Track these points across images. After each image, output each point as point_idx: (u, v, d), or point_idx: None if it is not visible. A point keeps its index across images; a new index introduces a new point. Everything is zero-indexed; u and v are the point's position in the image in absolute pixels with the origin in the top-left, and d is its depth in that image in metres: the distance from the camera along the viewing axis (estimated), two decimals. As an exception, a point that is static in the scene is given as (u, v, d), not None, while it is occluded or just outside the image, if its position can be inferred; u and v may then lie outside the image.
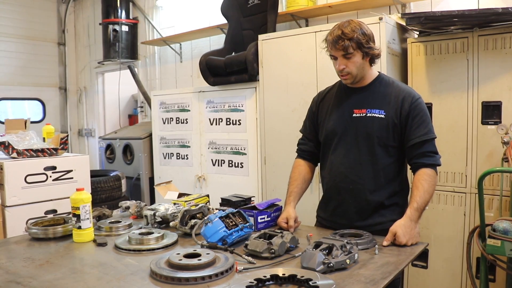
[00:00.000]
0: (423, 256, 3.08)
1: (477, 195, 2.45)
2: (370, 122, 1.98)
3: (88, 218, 1.91)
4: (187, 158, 4.52)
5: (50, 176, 3.01)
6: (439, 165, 1.96)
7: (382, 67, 2.96)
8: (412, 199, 1.89)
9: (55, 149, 3.11)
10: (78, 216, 1.89)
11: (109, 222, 2.11)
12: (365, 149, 1.99)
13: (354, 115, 2.03)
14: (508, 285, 2.53)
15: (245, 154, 3.99)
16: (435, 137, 1.98)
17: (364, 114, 2.01)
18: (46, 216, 2.75)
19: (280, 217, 2.10)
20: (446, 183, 3.04)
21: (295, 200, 2.16)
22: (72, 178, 3.11)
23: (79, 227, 1.90)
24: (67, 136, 3.29)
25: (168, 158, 4.71)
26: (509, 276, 2.46)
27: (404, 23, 3.04)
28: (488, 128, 2.85)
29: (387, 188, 2.01)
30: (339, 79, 2.08)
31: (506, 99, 2.79)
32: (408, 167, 2.07)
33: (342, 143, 2.05)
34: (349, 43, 1.90)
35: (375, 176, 1.99)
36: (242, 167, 4.02)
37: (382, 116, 1.97)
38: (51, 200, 3.01)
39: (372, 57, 1.99)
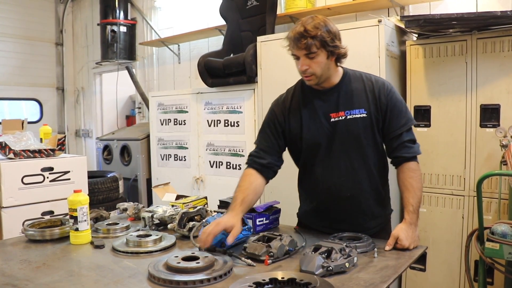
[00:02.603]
0: (422, 259, 3.07)
1: (475, 198, 2.45)
2: (353, 124, 1.88)
3: (85, 220, 1.89)
4: (184, 160, 4.51)
5: (47, 177, 3.00)
6: (420, 153, 1.93)
7: (381, 69, 2.96)
8: (406, 202, 1.85)
9: (52, 150, 3.10)
10: (75, 218, 1.88)
11: (106, 224, 2.10)
12: (355, 153, 1.90)
13: (332, 119, 1.89)
14: (506, 288, 2.52)
15: (243, 156, 3.97)
16: (414, 123, 1.94)
17: (343, 117, 1.88)
18: (43, 218, 2.74)
19: (219, 226, 1.68)
20: (444, 186, 3.04)
21: (244, 210, 1.82)
22: (69, 179, 3.10)
23: (76, 229, 1.88)
24: (65, 137, 3.28)
25: (166, 159, 4.70)
26: (507, 279, 2.45)
27: (403, 26, 3.04)
28: (486, 131, 2.85)
29: (380, 181, 1.98)
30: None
31: (504, 102, 2.79)
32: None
33: (329, 152, 1.92)
34: (312, 42, 1.75)
35: (369, 176, 1.94)
36: (240, 169, 4.01)
37: (364, 115, 1.88)
38: (48, 201, 3.00)
39: (338, 57, 1.85)
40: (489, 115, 2.84)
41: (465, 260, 2.51)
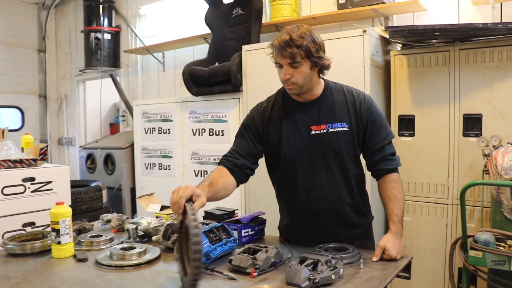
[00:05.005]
0: (407, 267, 3.07)
1: (459, 206, 2.48)
2: (335, 138, 1.87)
3: (68, 233, 1.85)
4: (169, 169, 4.48)
5: (29, 188, 2.94)
6: (400, 165, 1.95)
7: (366, 79, 2.99)
8: (390, 213, 1.86)
9: (34, 160, 3.04)
10: (57, 231, 1.83)
11: (89, 236, 2.05)
12: (337, 166, 1.90)
13: (313, 132, 1.88)
14: (490, 295, 2.55)
15: (229, 164, 3.96)
16: (393, 137, 1.96)
17: (325, 130, 1.88)
18: (24, 230, 2.68)
19: (187, 189, 1.56)
20: (428, 195, 3.06)
21: (210, 192, 1.71)
22: (51, 189, 3.04)
23: (59, 242, 1.84)
24: (47, 146, 3.22)
25: (150, 168, 4.65)
26: (490, 286, 2.48)
27: (387, 36, 3.08)
28: (469, 140, 2.89)
29: (359, 193, 1.99)
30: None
31: (486, 112, 2.83)
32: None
33: (310, 165, 1.90)
34: (297, 51, 1.74)
35: (349, 188, 1.94)
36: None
37: (346, 128, 1.88)
38: (29, 212, 2.93)
39: (321, 68, 1.84)
40: (472, 124, 2.88)
41: (449, 268, 2.54)
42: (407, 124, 3.13)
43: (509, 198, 2.37)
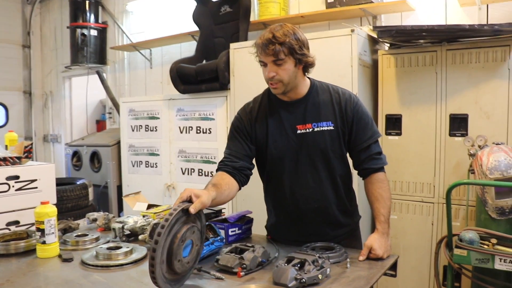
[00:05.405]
0: (393, 265, 3.11)
1: (444, 205, 2.51)
2: (320, 137, 1.87)
3: (53, 233, 1.83)
4: (156, 167, 4.45)
5: (13, 186, 2.90)
6: (387, 164, 1.95)
7: (354, 78, 3.00)
8: (377, 212, 1.86)
9: (19, 158, 3.00)
10: (42, 231, 1.81)
11: (75, 236, 2.03)
12: (323, 165, 1.90)
13: (299, 131, 1.89)
14: (473, 292, 2.59)
15: (215, 163, 3.94)
16: (380, 136, 1.96)
17: (310, 130, 1.88)
18: (8, 229, 2.64)
19: (186, 191, 1.58)
20: (415, 193, 3.09)
21: (216, 191, 1.68)
22: (36, 187, 3.00)
23: (44, 242, 1.82)
24: (31, 144, 3.18)
25: (137, 166, 4.62)
26: (474, 284, 2.52)
27: (375, 35, 3.09)
28: (455, 140, 2.92)
29: (345, 192, 1.99)
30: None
31: (472, 112, 2.86)
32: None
33: (296, 164, 1.91)
34: (280, 48, 1.74)
35: (335, 187, 1.94)
36: (212, 176, 3.98)
37: (332, 128, 1.88)
38: (14, 211, 2.90)
39: (305, 66, 1.84)
40: (458, 124, 2.91)
41: (435, 265, 2.58)
42: (394, 124, 3.14)
43: (493, 197, 2.41)
